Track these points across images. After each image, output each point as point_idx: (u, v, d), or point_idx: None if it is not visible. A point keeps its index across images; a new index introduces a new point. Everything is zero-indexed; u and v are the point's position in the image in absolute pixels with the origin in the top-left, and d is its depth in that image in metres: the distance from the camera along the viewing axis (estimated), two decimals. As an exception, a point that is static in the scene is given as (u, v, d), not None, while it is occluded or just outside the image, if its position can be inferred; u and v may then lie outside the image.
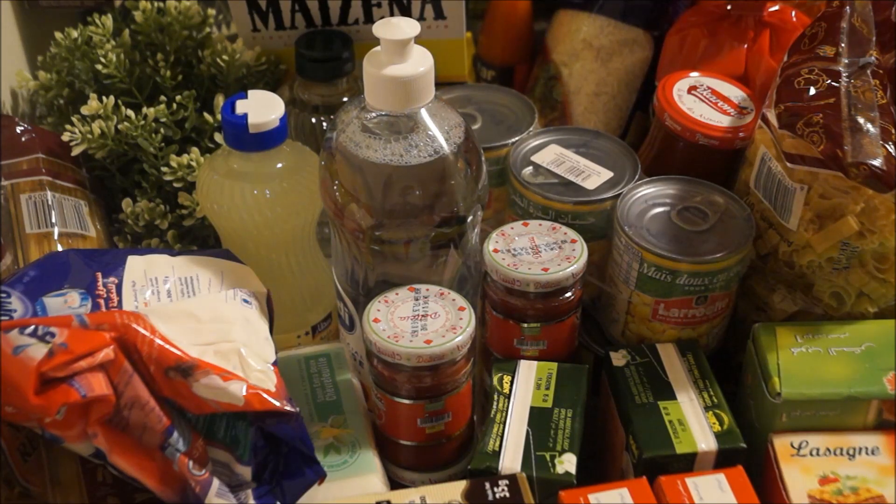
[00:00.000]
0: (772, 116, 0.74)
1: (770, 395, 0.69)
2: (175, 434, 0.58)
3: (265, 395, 0.60)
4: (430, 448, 0.70)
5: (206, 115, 0.86)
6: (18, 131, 0.86)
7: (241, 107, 0.73)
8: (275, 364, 0.63)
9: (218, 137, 0.86)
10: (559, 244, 0.73)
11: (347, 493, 0.66)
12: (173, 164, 0.83)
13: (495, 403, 0.70)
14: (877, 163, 0.68)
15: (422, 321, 0.67)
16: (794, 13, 0.89)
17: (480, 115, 0.88)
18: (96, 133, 0.84)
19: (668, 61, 0.92)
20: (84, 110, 0.84)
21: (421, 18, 0.88)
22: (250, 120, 0.72)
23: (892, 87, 0.74)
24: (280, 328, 0.72)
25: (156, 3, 0.91)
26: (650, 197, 0.77)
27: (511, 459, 0.66)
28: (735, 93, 0.85)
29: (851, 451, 0.68)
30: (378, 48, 0.67)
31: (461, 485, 0.64)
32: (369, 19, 0.88)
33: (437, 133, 0.68)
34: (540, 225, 0.74)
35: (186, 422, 0.60)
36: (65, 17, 0.98)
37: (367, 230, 0.69)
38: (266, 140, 0.74)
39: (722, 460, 0.67)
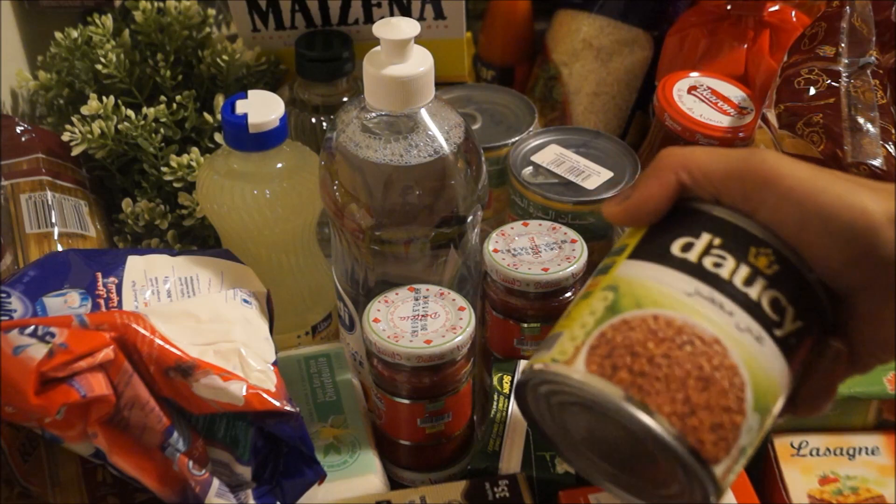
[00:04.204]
0: (772, 116, 0.74)
1: (770, 395, 0.69)
2: (175, 434, 0.58)
3: (265, 395, 0.60)
4: (430, 448, 0.70)
5: (206, 115, 0.86)
6: (18, 131, 0.86)
7: (241, 107, 0.73)
8: (275, 364, 0.63)
9: (218, 137, 0.86)
10: (559, 244, 0.73)
11: (347, 493, 0.66)
12: (173, 164, 0.83)
13: (495, 403, 0.70)
14: (877, 163, 0.68)
15: (422, 321, 0.67)
16: (794, 13, 0.89)
17: (480, 115, 0.88)
18: (96, 133, 0.84)
19: (668, 61, 0.92)
20: (84, 110, 0.84)
21: (421, 18, 0.88)
22: (250, 120, 0.72)
23: (892, 87, 0.74)
24: (280, 328, 0.72)
25: (156, 3, 0.91)
26: (650, 197, 0.77)
27: (511, 459, 0.66)
28: (735, 93, 0.85)
29: (851, 451, 0.68)
30: (378, 48, 0.67)
31: (461, 485, 0.64)
32: (369, 19, 0.88)
33: (437, 133, 0.68)
34: (540, 225, 0.74)
35: (186, 422, 0.60)
36: (65, 17, 0.98)
37: (367, 230, 0.69)
38: (266, 140, 0.74)
39: (722, 460, 0.66)
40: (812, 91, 0.72)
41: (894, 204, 0.45)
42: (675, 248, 0.47)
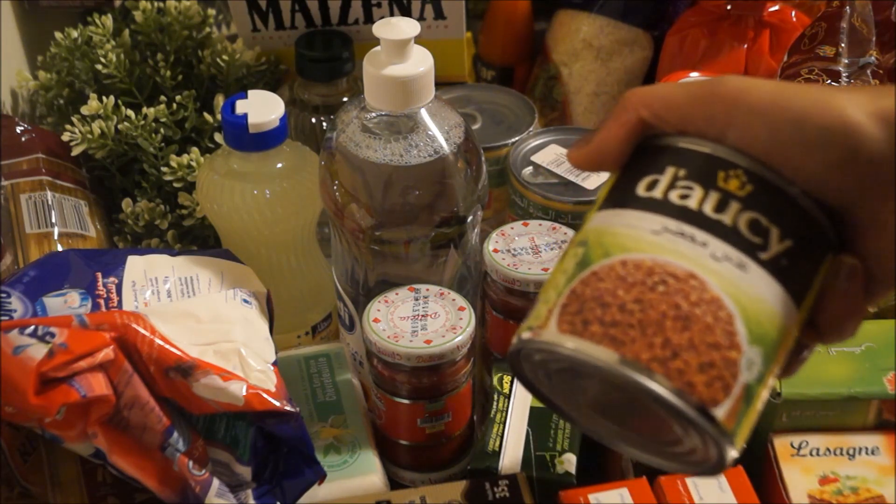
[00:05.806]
0: (772, 116, 0.74)
1: (770, 395, 0.69)
2: (175, 434, 0.58)
3: (265, 395, 0.60)
4: (430, 448, 0.70)
5: (206, 115, 0.86)
6: (18, 131, 0.86)
7: (241, 107, 0.73)
8: (275, 364, 0.63)
9: (218, 137, 0.86)
10: (559, 244, 0.73)
11: (347, 493, 0.66)
12: (173, 164, 0.83)
13: (495, 403, 0.70)
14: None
15: (422, 321, 0.67)
16: (794, 13, 0.89)
17: (480, 115, 0.88)
18: (96, 133, 0.84)
19: (668, 61, 0.92)
20: (84, 110, 0.84)
21: (421, 18, 0.88)
22: (250, 120, 0.72)
23: (892, 87, 0.74)
24: (280, 328, 0.72)
25: (156, 3, 0.91)
26: (650, 197, 0.77)
27: (511, 459, 0.66)
28: (735, 93, 0.84)
29: (851, 451, 0.68)
30: (378, 48, 0.67)
31: (461, 485, 0.64)
32: (369, 19, 0.88)
33: (437, 133, 0.68)
34: (540, 225, 0.74)
35: (186, 422, 0.60)
36: (65, 17, 0.98)
37: (367, 230, 0.69)
38: (266, 140, 0.74)
39: (722, 460, 0.67)
40: (812, 91, 0.72)
41: (877, 101, 0.42)
42: (641, 188, 0.45)
